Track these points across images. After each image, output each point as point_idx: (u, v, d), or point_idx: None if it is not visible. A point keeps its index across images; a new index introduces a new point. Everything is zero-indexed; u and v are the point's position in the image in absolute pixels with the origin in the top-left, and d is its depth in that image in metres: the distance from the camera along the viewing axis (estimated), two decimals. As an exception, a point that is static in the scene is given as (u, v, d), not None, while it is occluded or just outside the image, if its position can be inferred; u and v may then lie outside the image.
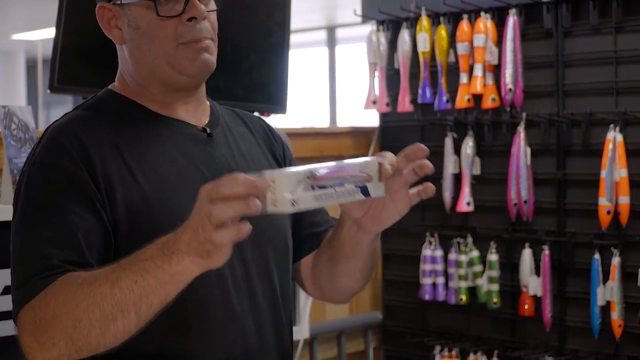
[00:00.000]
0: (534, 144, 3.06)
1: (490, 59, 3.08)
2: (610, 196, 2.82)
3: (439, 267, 3.24)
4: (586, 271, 2.94)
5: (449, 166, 3.17)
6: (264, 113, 2.84)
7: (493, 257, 3.13)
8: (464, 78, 3.13)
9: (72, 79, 2.36)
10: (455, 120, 3.22)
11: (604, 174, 2.83)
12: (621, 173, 2.81)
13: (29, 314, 1.36)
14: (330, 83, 9.98)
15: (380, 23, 3.40)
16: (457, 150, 3.18)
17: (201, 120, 1.64)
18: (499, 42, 3.08)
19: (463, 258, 3.18)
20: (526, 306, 3.05)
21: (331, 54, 10.11)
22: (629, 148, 2.85)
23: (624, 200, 2.81)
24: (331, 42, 10.14)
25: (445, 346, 3.28)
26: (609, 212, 2.82)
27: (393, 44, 3.36)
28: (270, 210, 1.25)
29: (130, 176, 1.49)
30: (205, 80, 1.62)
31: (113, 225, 1.46)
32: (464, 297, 3.19)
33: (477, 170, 3.17)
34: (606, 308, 2.90)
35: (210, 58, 1.56)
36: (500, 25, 3.09)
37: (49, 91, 2.34)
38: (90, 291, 1.31)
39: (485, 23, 3.09)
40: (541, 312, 3.02)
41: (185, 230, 1.26)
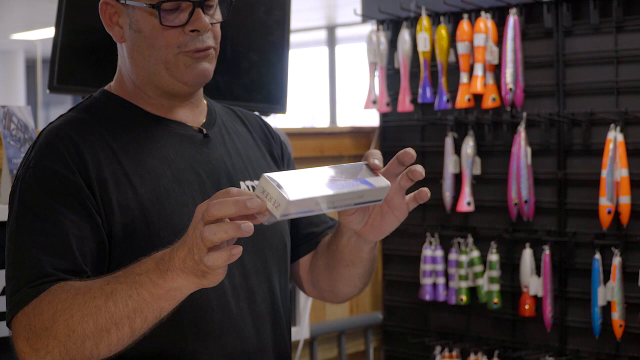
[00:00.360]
0: (534, 144, 3.05)
1: (490, 58, 3.07)
2: (611, 196, 2.81)
3: (440, 267, 3.24)
4: (587, 271, 2.94)
5: (449, 166, 3.16)
6: (265, 113, 2.83)
7: (493, 257, 3.12)
8: (464, 78, 3.12)
9: (72, 78, 2.35)
10: (455, 120, 3.21)
11: (604, 173, 2.82)
12: (622, 173, 2.81)
13: (23, 321, 1.35)
14: (330, 83, 9.97)
15: (380, 22, 3.40)
16: (458, 150, 3.17)
17: (198, 120, 1.63)
18: (500, 42, 3.07)
19: (463, 258, 3.18)
20: (527, 306, 3.05)
21: (331, 53, 10.09)
22: (629, 148, 2.85)
23: (625, 200, 2.81)
24: (331, 42, 10.12)
25: (446, 346, 3.27)
26: (609, 212, 2.82)
27: (393, 44, 3.36)
28: (268, 222, 1.22)
29: (125, 179, 1.48)
30: (202, 87, 1.62)
31: (108, 229, 1.45)
32: (464, 298, 3.18)
33: (478, 170, 3.17)
34: (607, 308, 2.89)
35: (209, 67, 1.55)
36: (500, 24, 3.09)
37: (48, 91, 2.33)
38: (84, 302, 1.30)
39: (485, 22, 3.08)
40: (542, 313, 3.02)
41: (181, 247, 1.24)
